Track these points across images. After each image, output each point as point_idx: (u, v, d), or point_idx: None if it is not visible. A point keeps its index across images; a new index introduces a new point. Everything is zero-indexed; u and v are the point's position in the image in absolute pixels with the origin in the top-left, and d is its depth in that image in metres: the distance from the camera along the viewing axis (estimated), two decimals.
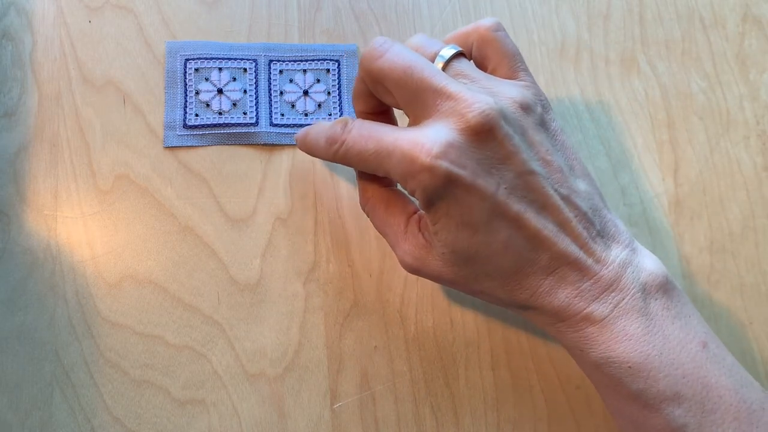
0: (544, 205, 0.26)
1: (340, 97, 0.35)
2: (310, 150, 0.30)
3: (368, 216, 0.30)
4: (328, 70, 0.35)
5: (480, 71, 0.29)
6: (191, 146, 0.33)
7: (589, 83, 0.36)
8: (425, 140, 0.25)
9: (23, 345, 0.30)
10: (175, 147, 0.33)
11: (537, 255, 0.26)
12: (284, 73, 0.35)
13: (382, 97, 0.29)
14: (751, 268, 0.34)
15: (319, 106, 0.34)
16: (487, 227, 0.26)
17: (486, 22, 0.29)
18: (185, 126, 0.33)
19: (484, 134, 0.25)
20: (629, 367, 0.25)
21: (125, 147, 0.33)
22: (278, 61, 0.35)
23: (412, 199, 0.28)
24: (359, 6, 0.36)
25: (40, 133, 0.33)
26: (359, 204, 0.31)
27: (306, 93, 0.35)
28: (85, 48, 0.34)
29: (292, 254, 0.32)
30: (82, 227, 0.32)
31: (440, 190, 0.25)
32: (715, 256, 0.34)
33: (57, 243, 0.32)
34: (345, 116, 0.33)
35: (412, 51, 0.27)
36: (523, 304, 0.27)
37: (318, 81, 0.35)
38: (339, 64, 0.35)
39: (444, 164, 0.25)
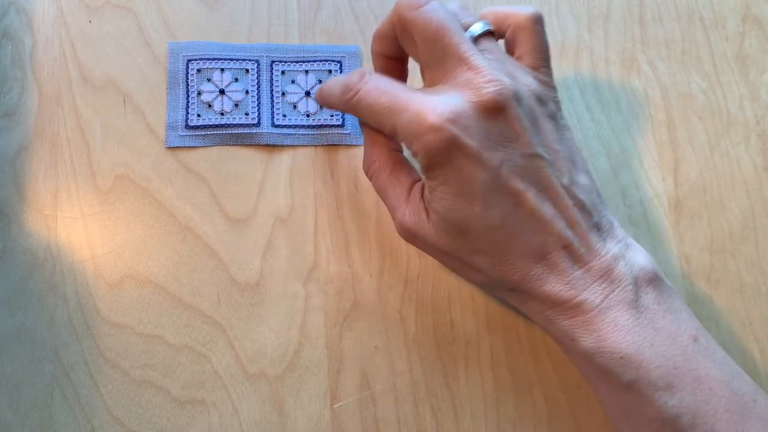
0: (545, 188, 0.27)
1: None
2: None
3: (371, 179, 0.30)
4: (330, 71, 0.35)
5: (506, 54, 0.29)
6: (192, 146, 0.33)
7: (589, 83, 0.36)
8: (438, 104, 0.26)
9: (23, 345, 0.30)
10: (175, 147, 0.33)
11: (532, 236, 0.26)
12: (286, 74, 0.35)
13: (405, 46, 0.29)
14: (751, 268, 0.34)
15: (321, 107, 0.34)
16: (485, 200, 0.26)
17: (529, 10, 0.30)
18: (187, 126, 0.33)
19: (496, 111, 0.26)
20: (620, 357, 0.25)
21: (125, 147, 0.33)
22: (280, 61, 0.35)
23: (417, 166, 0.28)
24: (359, 6, 0.36)
25: (40, 133, 0.33)
26: (362, 168, 0.31)
27: (308, 94, 0.34)
28: (85, 48, 0.34)
29: (292, 254, 0.32)
30: (82, 227, 0.32)
31: (443, 154, 0.26)
32: (715, 256, 0.34)
33: (57, 243, 0.31)
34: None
35: (449, 12, 0.28)
36: (513, 286, 0.27)
37: (320, 82, 0.35)
38: (341, 65, 0.35)
39: (452, 128, 0.25)
